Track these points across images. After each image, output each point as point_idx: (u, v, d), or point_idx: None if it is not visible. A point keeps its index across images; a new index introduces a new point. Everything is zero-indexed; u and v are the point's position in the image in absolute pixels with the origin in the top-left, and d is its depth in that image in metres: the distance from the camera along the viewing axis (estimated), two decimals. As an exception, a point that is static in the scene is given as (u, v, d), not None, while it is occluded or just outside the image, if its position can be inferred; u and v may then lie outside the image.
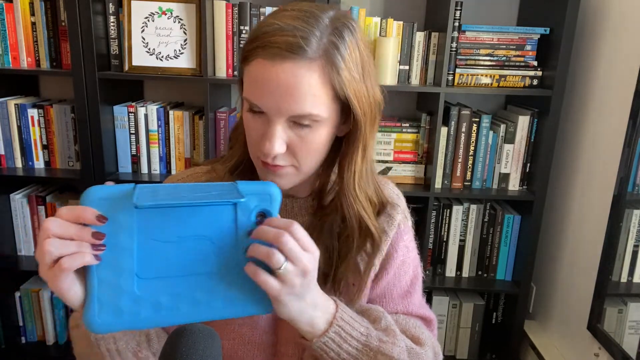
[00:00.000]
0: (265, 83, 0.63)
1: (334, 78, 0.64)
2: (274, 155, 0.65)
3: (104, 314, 0.54)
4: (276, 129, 0.64)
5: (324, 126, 0.67)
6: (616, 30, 1.47)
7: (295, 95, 0.62)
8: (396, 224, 0.80)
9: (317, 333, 0.65)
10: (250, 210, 0.59)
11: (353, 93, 0.65)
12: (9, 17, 1.61)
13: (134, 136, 1.69)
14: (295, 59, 0.61)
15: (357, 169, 0.71)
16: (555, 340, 1.73)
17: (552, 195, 1.76)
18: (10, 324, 1.82)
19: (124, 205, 0.54)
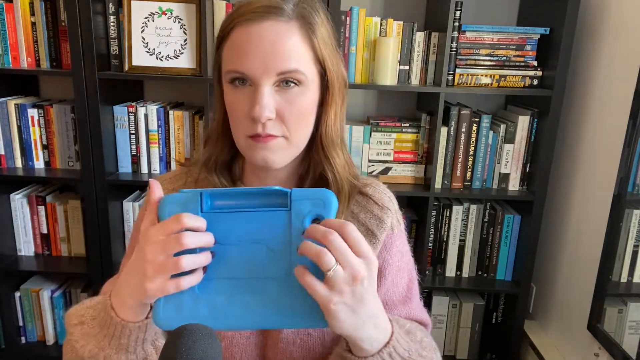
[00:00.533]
0: (248, 44, 0.64)
1: (312, 39, 0.67)
2: (265, 118, 0.65)
3: (167, 309, 0.57)
4: (264, 91, 0.65)
5: (308, 90, 0.68)
6: (616, 30, 1.47)
7: (280, 50, 0.64)
8: (387, 228, 0.78)
9: (370, 353, 0.61)
10: (303, 215, 0.58)
11: (328, 58, 0.69)
12: (9, 17, 1.61)
13: (134, 136, 1.69)
14: (275, 18, 0.65)
15: (329, 130, 0.73)
16: (555, 340, 1.73)
17: (552, 195, 1.76)
18: (10, 324, 1.82)
19: (191, 210, 0.58)
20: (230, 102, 0.69)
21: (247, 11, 0.65)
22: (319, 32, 0.68)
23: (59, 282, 1.88)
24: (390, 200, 0.81)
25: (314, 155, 0.75)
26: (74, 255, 1.82)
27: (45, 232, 1.79)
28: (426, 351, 0.69)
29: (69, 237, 1.80)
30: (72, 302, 1.87)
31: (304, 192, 0.59)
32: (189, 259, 0.54)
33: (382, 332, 0.62)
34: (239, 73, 0.66)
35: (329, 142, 0.73)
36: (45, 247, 1.81)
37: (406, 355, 0.65)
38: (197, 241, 0.55)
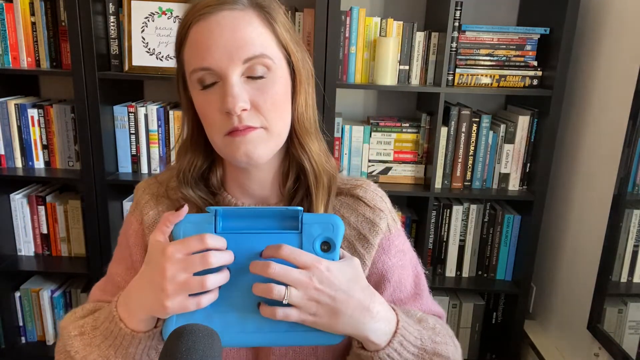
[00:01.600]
0: (208, 37, 0.63)
1: (272, 24, 0.66)
2: (240, 109, 0.63)
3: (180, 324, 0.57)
4: (232, 82, 0.63)
5: (278, 76, 0.66)
6: (616, 30, 1.47)
7: (242, 37, 0.63)
8: (382, 230, 0.76)
9: (381, 345, 0.62)
10: (313, 238, 0.61)
11: (291, 43, 0.68)
12: (9, 17, 1.61)
13: (134, 136, 1.69)
14: (230, 7, 0.64)
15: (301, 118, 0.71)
16: (555, 340, 1.73)
17: (552, 195, 1.76)
18: (10, 324, 1.82)
19: (206, 229, 0.59)
20: (201, 105, 0.67)
21: (200, 7, 0.64)
22: (278, 18, 0.67)
23: (59, 282, 1.88)
24: (383, 200, 0.78)
25: (291, 149, 0.72)
26: (74, 255, 1.82)
27: (45, 232, 1.79)
28: (440, 337, 0.69)
29: (69, 237, 1.80)
30: (72, 302, 1.87)
31: (314, 216, 0.62)
32: (213, 278, 0.56)
33: (385, 322, 0.62)
34: (204, 69, 0.63)
35: (302, 131, 0.71)
36: (45, 247, 1.81)
37: (418, 343, 0.65)
38: (222, 260, 0.56)
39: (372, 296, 0.62)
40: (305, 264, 0.57)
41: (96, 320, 0.66)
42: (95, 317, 0.68)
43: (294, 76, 0.69)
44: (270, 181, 0.74)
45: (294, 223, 0.61)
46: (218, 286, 0.57)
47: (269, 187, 0.74)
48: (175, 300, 0.55)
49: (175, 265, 0.55)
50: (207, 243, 0.56)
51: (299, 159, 0.72)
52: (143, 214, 0.78)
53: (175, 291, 0.55)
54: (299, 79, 0.69)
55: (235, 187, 0.75)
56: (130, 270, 0.78)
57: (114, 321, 0.62)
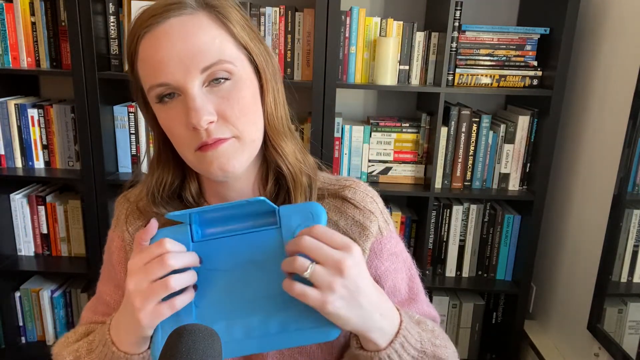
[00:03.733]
0: (159, 49, 0.58)
1: (226, 24, 0.61)
2: (206, 122, 0.58)
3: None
4: (193, 94, 0.58)
5: (242, 80, 0.62)
6: (616, 30, 1.47)
7: (195, 44, 0.58)
8: (373, 234, 0.72)
9: (382, 345, 0.59)
10: (293, 230, 0.58)
11: (251, 42, 0.63)
12: (9, 17, 1.61)
13: (134, 136, 1.69)
14: (177, 13, 0.59)
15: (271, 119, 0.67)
16: (555, 340, 1.73)
17: (552, 195, 1.76)
18: (10, 324, 1.82)
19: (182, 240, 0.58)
20: (164, 121, 0.62)
21: (146, 17, 0.59)
22: (231, 17, 0.62)
23: (59, 282, 1.88)
24: (373, 201, 0.73)
25: (266, 153, 0.69)
26: (74, 255, 1.82)
27: (45, 232, 1.79)
28: (439, 340, 0.67)
29: (69, 237, 1.80)
30: (72, 302, 1.87)
31: (291, 207, 0.59)
32: (177, 277, 0.54)
33: (390, 321, 0.60)
34: (162, 85, 0.59)
35: (273, 132, 0.67)
36: (45, 247, 1.81)
37: (419, 345, 0.63)
38: (181, 261, 0.55)
39: (382, 293, 0.60)
40: (341, 243, 0.55)
41: (91, 344, 0.66)
42: (89, 340, 0.67)
43: (259, 76, 0.65)
44: (251, 188, 0.71)
45: (272, 218, 0.59)
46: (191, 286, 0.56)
47: (250, 194, 0.71)
48: (147, 311, 0.54)
49: (136, 276, 0.54)
50: (165, 247, 0.54)
51: (274, 162, 0.68)
52: (123, 230, 0.76)
53: (142, 302, 0.54)
54: (264, 78, 0.65)
55: (216, 199, 0.72)
56: (118, 288, 0.76)
57: (107, 345, 0.61)
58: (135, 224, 0.75)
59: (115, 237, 0.77)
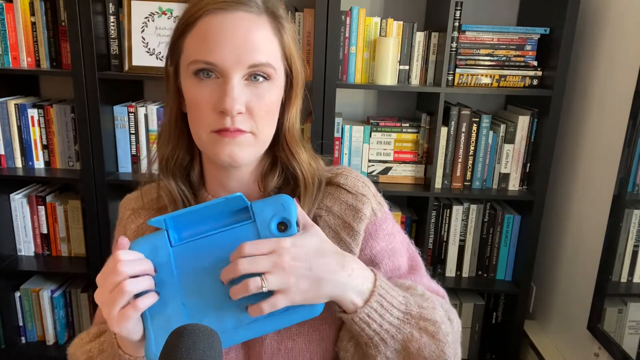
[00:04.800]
0: (220, 33, 0.61)
1: (282, 35, 0.67)
2: (236, 111, 0.62)
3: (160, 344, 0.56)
4: (234, 82, 0.62)
5: (276, 86, 0.67)
6: (616, 30, 1.47)
7: (253, 42, 0.62)
8: (367, 215, 0.74)
9: (359, 304, 0.62)
10: (268, 222, 0.62)
11: (296, 52, 0.69)
12: (9, 17, 1.61)
13: (134, 136, 1.69)
14: (247, 9, 0.63)
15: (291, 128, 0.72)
16: (555, 340, 1.73)
17: (552, 195, 1.76)
18: (10, 324, 1.82)
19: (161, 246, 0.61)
20: (192, 94, 0.64)
21: (217, 0, 0.62)
22: (287, 29, 0.68)
23: (59, 282, 1.88)
24: (365, 185, 0.76)
25: (280, 154, 0.73)
26: (74, 255, 1.82)
27: (45, 232, 1.79)
28: (428, 302, 0.68)
29: (69, 237, 1.80)
30: (72, 302, 1.87)
31: (263, 201, 0.63)
32: (132, 281, 0.56)
33: (362, 279, 0.63)
34: (208, 64, 0.62)
35: (292, 140, 0.72)
36: (45, 247, 1.81)
37: (403, 307, 0.65)
38: (133, 269, 0.57)
39: (344, 256, 0.64)
40: (270, 249, 0.59)
41: (102, 344, 0.69)
42: (101, 341, 0.70)
43: (290, 87, 0.70)
44: (250, 179, 0.73)
45: (246, 214, 0.62)
46: (152, 290, 0.59)
47: (249, 185, 0.73)
48: (113, 318, 0.56)
49: (99, 289, 0.58)
50: (117, 257, 0.57)
51: (289, 167, 0.73)
52: (126, 229, 0.78)
53: (108, 311, 0.57)
54: (295, 91, 0.70)
55: (216, 185, 0.74)
56: None
57: (114, 347, 0.64)
58: (136, 222, 0.78)
59: (117, 236, 0.79)
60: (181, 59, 0.66)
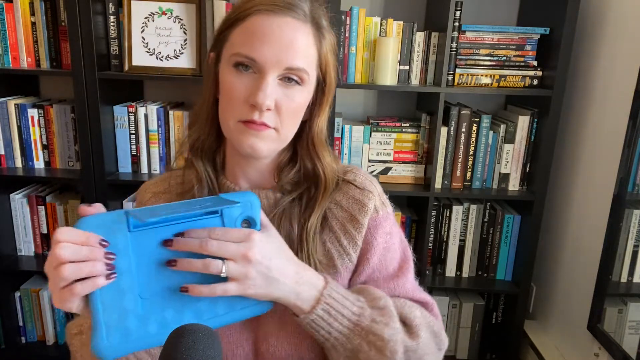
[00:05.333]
0: (266, 33, 0.66)
1: (322, 44, 0.71)
2: (266, 107, 0.66)
3: (112, 337, 0.56)
4: (269, 80, 0.66)
5: (306, 91, 0.71)
6: (616, 30, 1.47)
7: (295, 47, 0.67)
8: (370, 211, 0.77)
9: (305, 309, 0.65)
10: (235, 218, 0.63)
11: (332, 62, 0.74)
12: (9, 17, 1.61)
13: (134, 136, 1.69)
14: (294, 15, 0.67)
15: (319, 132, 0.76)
16: (555, 340, 1.73)
17: (552, 195, 1.76)
18: (10, 324, 1.82)
19: (118, 230, 0.58)
20: (228, 84, 0.69)
21: (269, 1, 0.67)
22: (327, 40, 0.72)
23: (59, 282, 1.88)
24: (372, 184, 0.80)
25: (304, 154, 0.77)
26: (74, 255, 1.81)
27: (45, 232, 1.79)
28: (385, 318, 0.68)
29: (69, 237, 1.80)
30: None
31: (231, 196, 0.63)
32: (69, 267, 0.54)
33: (309, 286, 0.66)
34: (249, 59, 0.66)
35: (319, 143, 0.77)
36: (45, 247, 1.81)
37: (354, 318, 0.67)
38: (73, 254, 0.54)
39: (298, 263, 0.67)
40: (240, 239, 0.61)
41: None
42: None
43: (322, 93, 0.75)
44: (268, 169, 0.78)
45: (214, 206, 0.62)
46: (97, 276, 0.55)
47: (266, 174, 0.78)
48: (55, 296, 0.55)
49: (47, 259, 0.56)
50: (57, 237, 0.54)
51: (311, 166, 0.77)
52: None
53: (51, 287, 0.55)
54: (326, 98, 0.75)
55: (237, 171, 0.78)
56: None
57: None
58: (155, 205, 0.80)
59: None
60: (225, 48, 0.70)
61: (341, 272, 0.76)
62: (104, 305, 0.56)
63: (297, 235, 0.75)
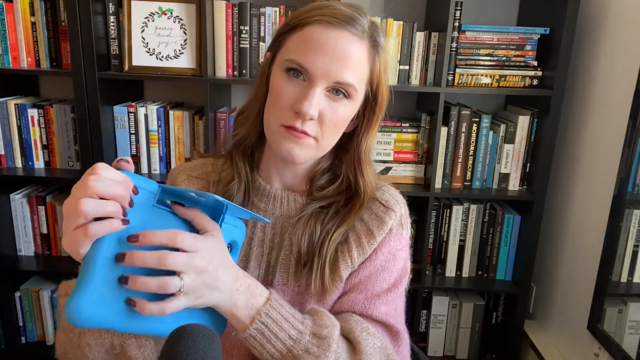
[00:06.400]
0: (322, 45, 0.67)
1: (375, 62, 0.72)
2: (310, 117, 0.67)
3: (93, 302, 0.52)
4: (317, 90, 0.67)
5: (352, 106, 0.72)
6: (616, 30, 1.47)
7: (347, 62, 0.67)
8: (387, 229, 0.77)
9: (240, 326, 0.64)
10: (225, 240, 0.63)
11: (384, 81, 0.75)
12: (9, 17, 1.61)
13: (134, 136, 1.69)
14: (352, 31, 0.68)
15: (367, 149, 0.78)
16: (555, 340, 1.73)
17: (552, 195, 1.76)
18: (10, 324, 1.82)
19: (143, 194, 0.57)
20: (277, 87, 0.70)
21: (329, 13, 0.68)
22: (382, 58, 0.73)
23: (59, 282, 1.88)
24: (397, 203, 0.80)
25: (348, 166, 0.78)
26: (74, 255, 1.81)
27: (45, 232, 1.79)
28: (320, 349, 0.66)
29: (69, 237, 1.80)
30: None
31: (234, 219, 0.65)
32: (91, 201, 0.51)
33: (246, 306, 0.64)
34: (301, 67, 0.67)
35: (366, 160, 0.78)
36: (45, 247, 1.81)
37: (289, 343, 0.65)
38: (106, 188, 0.52)
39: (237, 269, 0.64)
40: (192, 246, 0.57)
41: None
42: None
43: (371, 111, 0.76)
44: (303, 175, 0.80)
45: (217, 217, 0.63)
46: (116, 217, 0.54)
47: (299, 179, 0.80)
48: (67, 240, 0.53)
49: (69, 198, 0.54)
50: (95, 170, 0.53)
51: (352, 181, 0.78)
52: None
53: (65, 230, 0.53)
54: (377, 116, 0.77)
55: (272, 171, 0.80)
56: None
57: None
58: (191, 188, 0.82)
59: None
60: (280, 51, 0.72)
61: (343, 279, 0.76)
62: (104, 261, 0.53)
63: (319, 239, 0.75)
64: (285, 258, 0.78)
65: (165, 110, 1.68)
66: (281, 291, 0.77)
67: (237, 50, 1.62)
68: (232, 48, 1.62)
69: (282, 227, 0.80)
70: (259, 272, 0.79)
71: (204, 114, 1.66)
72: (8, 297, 1.81)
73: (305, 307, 0.75)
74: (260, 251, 0.80)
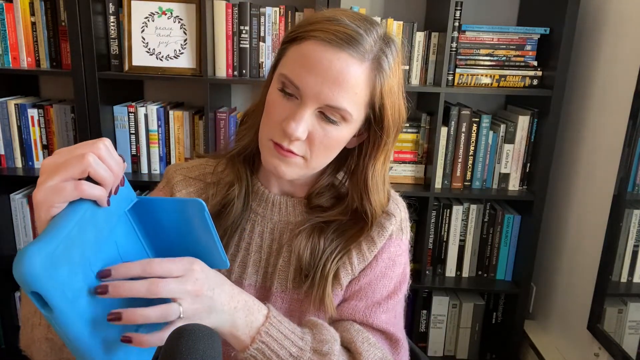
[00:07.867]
0: (315, 64, 0.63)
1: (376, 85, 0.66)
2: (295, 138, 0.65)
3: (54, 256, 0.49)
4: (306, 112, 0.65)
5: (348, 128, 0.68)
6: (616, 30, 1.47)
7: (341, 85, 0.63)
8: (387, 234, 0.76)
9: (240, 346, 0.62)
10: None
11: (390, 104, 0.69)
12: (9, 17, 1.60)
13: (134, 136, 1.69)
14: (351, 53, 0.63)
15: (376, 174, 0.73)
16: (555, 340, 1.73)
17: (552, 195, 1.76)
18: (10, 324, 1.82)
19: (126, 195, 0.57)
20: (271, 101, 0.68)
21: (330, 29, 0.63)
22: (387, 81, 0.67)
23: (59, 282, 1.88)
24: (397, 208, 0.79)
25: (353, 187, 0.75)
26: (74, 255, 1.81)
27: (45, 232, 1.79)
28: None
29: (69, 237, 1.80)
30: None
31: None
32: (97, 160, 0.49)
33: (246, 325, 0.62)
34: (292, 84, 0.65)
35: (372, 187, 0.73)
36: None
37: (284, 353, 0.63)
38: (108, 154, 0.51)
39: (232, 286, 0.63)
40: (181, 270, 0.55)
41: None
42: None
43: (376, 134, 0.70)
44: (301, 182, 0.78)
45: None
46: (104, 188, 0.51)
47: (297, 186, 0.79)
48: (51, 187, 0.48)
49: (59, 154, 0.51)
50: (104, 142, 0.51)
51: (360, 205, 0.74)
52: (174, 191, 0.81)
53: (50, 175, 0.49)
54: (384, 139, 0.71)
55: (270, 177, 0.79)
56: None
57: None
58: (187, 189, 0.81)
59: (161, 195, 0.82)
60: (280, 62, 0.69)
61: (343, 287, 0.76)
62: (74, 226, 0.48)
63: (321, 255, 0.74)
64: (284, 265, 0.77)
65: (165, 110, 1.68)
66: (280, 298, 0.76)
67: (237, 50, 1.62)
68: (232, 48, 1.62)
69: (280, 233, 0.79)
70: (257, 279, 0.78)
71: (204, 114, 1.66)
72: (8, 297, 1.81)
73: (304, 315, 0.74)
74: (258, 257, 0.79)
